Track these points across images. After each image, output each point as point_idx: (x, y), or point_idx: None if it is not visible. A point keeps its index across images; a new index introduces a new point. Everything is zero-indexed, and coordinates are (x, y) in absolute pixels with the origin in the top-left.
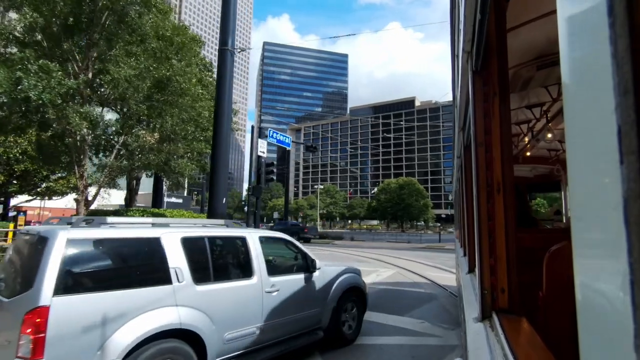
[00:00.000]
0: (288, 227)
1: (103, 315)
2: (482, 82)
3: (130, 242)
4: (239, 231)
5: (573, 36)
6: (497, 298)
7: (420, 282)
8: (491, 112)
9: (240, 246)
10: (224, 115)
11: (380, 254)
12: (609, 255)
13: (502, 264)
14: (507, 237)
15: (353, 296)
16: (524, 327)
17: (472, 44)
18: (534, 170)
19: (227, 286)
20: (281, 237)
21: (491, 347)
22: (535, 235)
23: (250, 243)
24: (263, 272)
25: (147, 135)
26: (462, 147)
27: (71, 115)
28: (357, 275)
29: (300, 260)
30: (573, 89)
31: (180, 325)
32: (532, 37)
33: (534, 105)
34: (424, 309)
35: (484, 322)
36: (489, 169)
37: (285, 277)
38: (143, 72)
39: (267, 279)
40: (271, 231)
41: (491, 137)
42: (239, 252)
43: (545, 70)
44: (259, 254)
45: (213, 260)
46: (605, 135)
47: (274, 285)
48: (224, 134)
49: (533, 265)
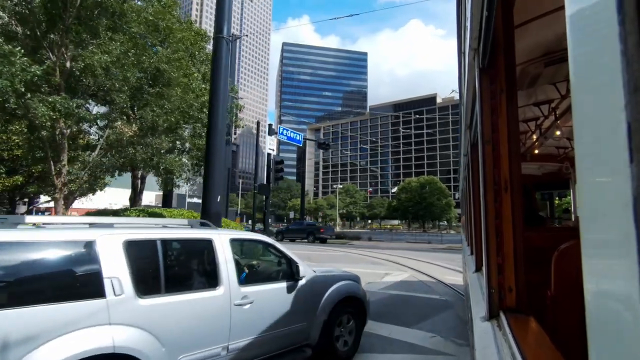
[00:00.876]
0: (304, 226)
1: (3, 338)
2: (489, 79)
3: (53, 246)
4: (205, 232)
5: (581, 33)
6: (504, 297)
7: (436, 287)
8: (498, 110)
9: (204, 250)
10: (219, 107)
11: (397, 255)
12: (618, 255)
13: (510, 263)
14: (515, 235)
15: (350, 307)
16: (532, 327)
17: (479, 41)
18: (542, 168)
19: (182, 299)
20: (260, 239)
21: (499, 346)
22: (543, 234)
23: (217, 247)
24: (232, 281)
25: (125, 127)
26: (468, 145)
27: (35, 105)
28: (355, 282)
29: (283, 266)
30: (581, 86)
31: (114, 349)
32: (539, 34)
33: (541, 103)
34: (437, 319)
35: (492, 321)
36: (496, 167)
37: (262, 287)
38: (122, 59)
39: (238, 289)
40: (249, 232)
41: (498, 134)
42: (203, 258)
43: (553, 67)
44: (228, 259)
45: (166, 268)
46: (615, 133)
47: (247, 296)
48: (219, 127)
49: (541, 264)
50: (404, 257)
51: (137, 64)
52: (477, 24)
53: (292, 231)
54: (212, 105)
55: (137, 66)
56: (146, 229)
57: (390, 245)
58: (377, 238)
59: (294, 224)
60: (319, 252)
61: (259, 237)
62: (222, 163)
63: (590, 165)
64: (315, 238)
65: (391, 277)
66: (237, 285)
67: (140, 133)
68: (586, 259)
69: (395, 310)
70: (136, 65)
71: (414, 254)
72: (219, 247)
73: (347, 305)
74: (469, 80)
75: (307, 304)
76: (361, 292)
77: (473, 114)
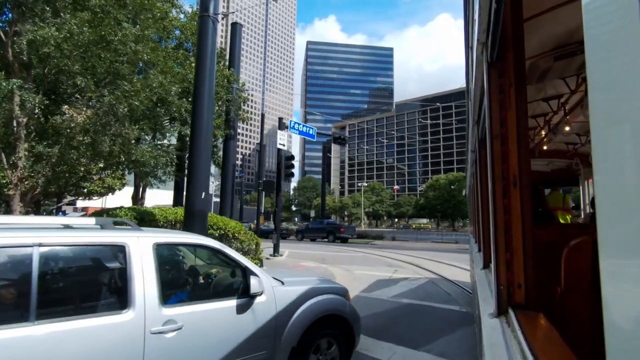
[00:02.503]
0: (324, 225)
1: None
2: (498, 73)
3: None
4: (116, 235)
5: (599, 22)
6: (513, 293)
7: (457, 295)
8: (507, 104)
9: (112, 260)
10: (204, 94)
11: (419, 256)
12: (637, 254)
13: (519, 259)
14: (524, 231)
15: (331, 328)
16: (542, 323)
17: (488, 34)
18: (551, 164)
19: (65, 328)
20: (200, 243)
21: (507, 342)
22: (552, 231)
23: (132, 254)
24: (151, 301)
25: (74, 112)
26: (476, 141)
27: None
28: (340, 296)
29: (238, 278)
30: (600, 80)
31: None
32: (549, 27)
33: (551, 98)
34: (453, 338)
35: (500, 318)
36: (505, 162)
37: (198, 307)
38: (75, 34)
39: (158, 311)
40: (188, 235)
41: (507, 129)
42: (109, 270)
43: (563, 61)
44: (147, 271)
45: (45, 285)
46: (637, 129)
47: (172, 320)
48: (204, 117)
49: (550, 261)
50: (427, 258)
51: (99, 42)
52: (486, 16)
53: (311, 230)
54: (196, 92)
55: (102, 45)
56: (26, 232)
57: (414, 245)
58: (401, 237)
59: (313, 223)
60: (336, 252)
61: (199, 240)
62: (208, 158)
63: (608, 163)
64: (335, 237)
65: (407, 282)
66: (158, 305)
67: (97, 120)
68: (604, 259)
69: (403, 324)
70: (98, 43)
71: (438, 255)
72: (135, 254)
73: (328, 326)
74: (477, 75)
75: (268, 326)
76: (348, 308)
77: (481, 110)
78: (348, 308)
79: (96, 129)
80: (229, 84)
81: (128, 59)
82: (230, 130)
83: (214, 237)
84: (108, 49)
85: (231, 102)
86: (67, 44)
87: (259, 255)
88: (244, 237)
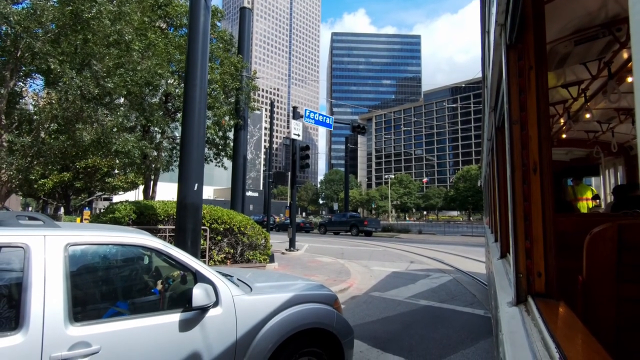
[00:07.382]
0: (347, 219)
1: None
2: (517, 55)
3: None
4: (15, 234)
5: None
6: (532, 282)
7: (483, 297)
8: (527, 88)
9: (5, 267)
10: (197, 78)
11: (445, 251)
12: None
13: (539, 247)
14: (545, 218)
15: (313, 345)
16: (562, 311)
17: (507, 15)
18: (570, 153)
19: None
20: (134, 242)
21: (528, 330)
22: (572, 219)
23: (33, 259)
24: (53, 319)
25: (34, 96)
26: (493, 129)
27: None
28: (325, 305)
29: (188, 285)
30: None
31: None
32: (570, 10)
33: (570, 84)
34: (472, 352)
35: (519, 306)
36: (525, 148)
37: (124, 324)
38: (38, 9)
39: (63, 331)
40: (120, 231)
41: (527, 114)
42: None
43: (584, 46)
44: (53, 279)
45: None
46: None
47: (83, 343)
48: (196, 105)
49: (570, 250)
50: (453, 253)
51: (71, 20)
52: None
53: (334, 224)
54: (188, 76)
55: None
56: None
57: (442, 239)
58: (428, 231)
59: (336, 215)
60: (357, 246)
61: (132, 238)
62: (201, 148)
63: None
64: (359, 231)
65: (428, 280)
66: (64, 324)
67: (68, 105)
68: None
69: (418, 332)
70: (69, 20)
71: (465, 250)
72: (37, 259)
73: (308, 342)
74: (495, 59)
75: (224, 347)
76: (335, 320)
77: (498, 95)
78: (336, 320)
79: (65, 115)
80: (236, 72)
81: (103, 39)
82: (240, 120)
83: (218, 232)
84: (82, 27)
85: (240, 90)
86: (31, 22)
87: (267, 250)
88: (250, 231)
